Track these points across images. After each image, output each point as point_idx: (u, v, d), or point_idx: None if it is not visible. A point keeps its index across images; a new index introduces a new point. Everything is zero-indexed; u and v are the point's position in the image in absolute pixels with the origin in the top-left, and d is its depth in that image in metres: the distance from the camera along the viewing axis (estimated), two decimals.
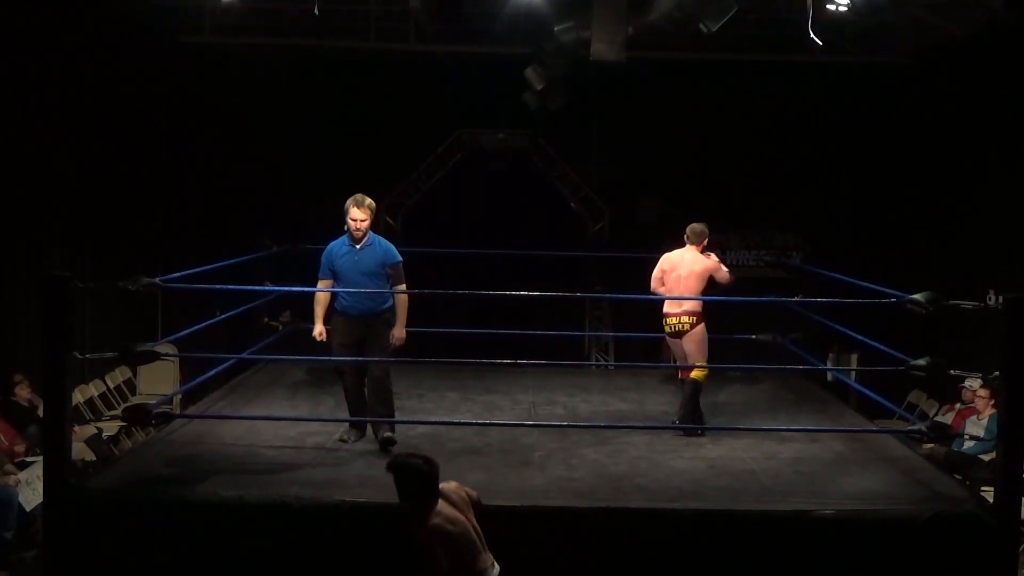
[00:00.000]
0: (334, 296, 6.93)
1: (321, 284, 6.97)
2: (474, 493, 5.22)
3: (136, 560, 5.65)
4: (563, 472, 6.42)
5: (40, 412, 8.08)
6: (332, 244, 6.99)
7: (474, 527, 5.00)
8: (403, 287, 6.95)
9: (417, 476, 4.86)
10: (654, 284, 7.74)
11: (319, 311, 7.00)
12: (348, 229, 6.88)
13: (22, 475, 7.86)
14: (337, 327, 6.97)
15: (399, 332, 6.94)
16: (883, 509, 5.79)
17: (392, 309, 6.95)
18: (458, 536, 4.83)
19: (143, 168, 12.10)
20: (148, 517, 5.68)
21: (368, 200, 6.87)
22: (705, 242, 7.72)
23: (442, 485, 4.99)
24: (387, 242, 7.02)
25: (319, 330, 7.00)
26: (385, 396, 6.97)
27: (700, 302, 7.51)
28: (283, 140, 12.79)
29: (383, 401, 6.96)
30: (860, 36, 11.31)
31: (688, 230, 7.71)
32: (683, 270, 7.58)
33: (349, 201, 6.86)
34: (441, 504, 4.89)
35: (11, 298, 9.49)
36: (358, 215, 6.81)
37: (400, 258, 6.95)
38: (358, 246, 6.88)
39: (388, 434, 6.84)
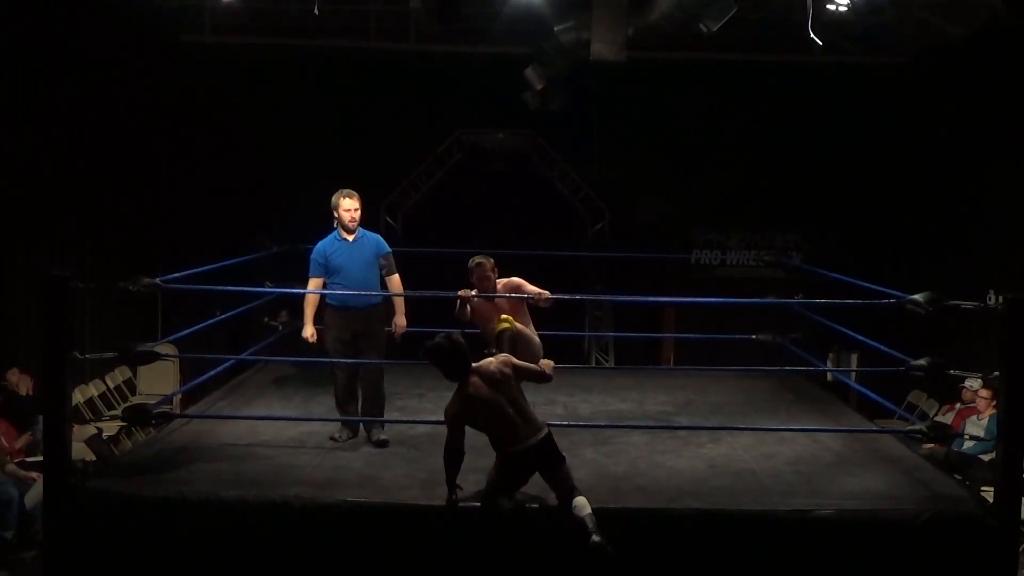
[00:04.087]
0: (326, 293, 6.97)
1: (312, 283, 7.01)
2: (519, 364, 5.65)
3: (136, 560, 5.65)
4: None
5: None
6: (322, 243, 7.04)
7: (512, 400, 5.46)
8: (397, 276, 7.07)
9: (441, 355, 5.50)
10: None
11: (310, 312, 7.03)
12: (341, 222, 6.96)
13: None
14: (332, 322, 6.99)
15: (401, 320, 7.04)
16: (883, 509, 5.78)
17: (386, 304, 7.04)
18: (484, 412, 5.46)
19: (143, 168, 12.11)
20: (148, 517, 5.68)
21: (355, 192, 7.02)
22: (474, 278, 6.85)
23: (483, 362, 5.56)
24: (374, 233, 7.17)
25: (310, 331, 7.02)
26: (378, 397, 7.01)
27: None
28: (283, 140, 12.78)
29: (376, 402, 6.99)
30: (860, 36, 11.31)
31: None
32: None
33: (336, 195, 7.00)
34: (473, 381, 5.47)
35: (11, 298, 9.49)
36: (351, 204, 6.94)
37: (390, 248, 7.10)
38: (351, 238, 6.97)
39: (382, 437, 6.87)
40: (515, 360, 5.73)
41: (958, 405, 9.64)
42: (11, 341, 9.40)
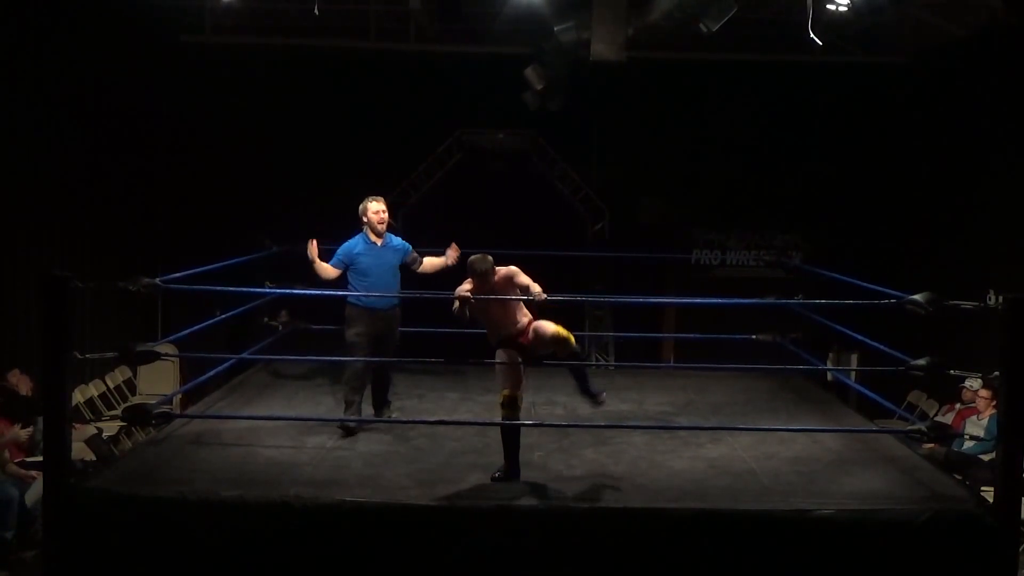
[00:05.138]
0: (353, 290, 7.17)
1: (330, 266, 7.20)
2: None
3: (136, 560, 5.65)
4: (563, 472, 6.42)
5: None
6: (349, 242, 7.24)
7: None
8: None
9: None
10: None
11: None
12: (370, 225, 7.20)
13: None
14: (357, 319, 7.18)
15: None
16: (883, 509, 5.79)
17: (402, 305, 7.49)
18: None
19: (143, 168, 12.10)
20: (148, 517, 5.68)
21: (381, 197, 7.32)
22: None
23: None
24: (396, 236, 7.48)
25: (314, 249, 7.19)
26: (389, 379, 7.75)
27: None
28: (283, 140, 12.77)
29: (388, 382, 7.68)
30: (860, 36, 11.31)
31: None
32: None
33: (364, 201, 7.25)
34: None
35: (11, 298, 9.49)
36: (380, 207, 7.23)
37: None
38: (380, 242, 7.23)
39: (393, 414, 7.56)
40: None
41: (958, 405, 9.64)
42: (11, 341, 9.40)
